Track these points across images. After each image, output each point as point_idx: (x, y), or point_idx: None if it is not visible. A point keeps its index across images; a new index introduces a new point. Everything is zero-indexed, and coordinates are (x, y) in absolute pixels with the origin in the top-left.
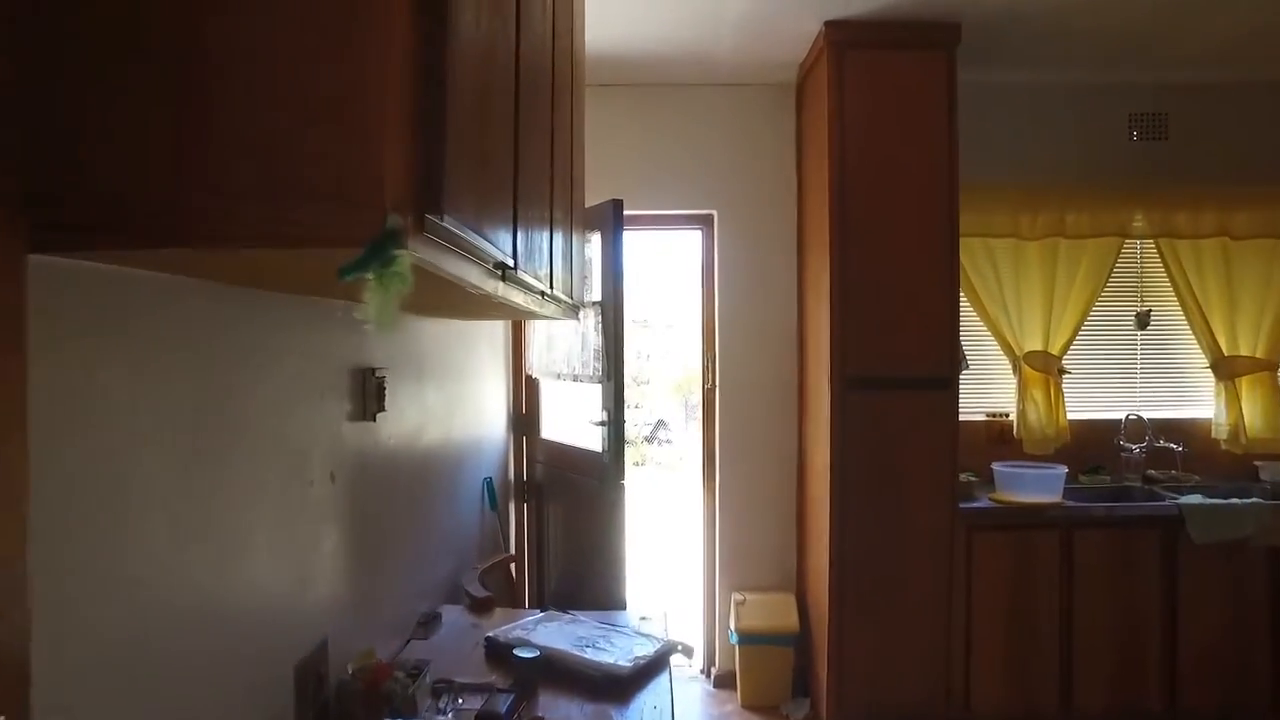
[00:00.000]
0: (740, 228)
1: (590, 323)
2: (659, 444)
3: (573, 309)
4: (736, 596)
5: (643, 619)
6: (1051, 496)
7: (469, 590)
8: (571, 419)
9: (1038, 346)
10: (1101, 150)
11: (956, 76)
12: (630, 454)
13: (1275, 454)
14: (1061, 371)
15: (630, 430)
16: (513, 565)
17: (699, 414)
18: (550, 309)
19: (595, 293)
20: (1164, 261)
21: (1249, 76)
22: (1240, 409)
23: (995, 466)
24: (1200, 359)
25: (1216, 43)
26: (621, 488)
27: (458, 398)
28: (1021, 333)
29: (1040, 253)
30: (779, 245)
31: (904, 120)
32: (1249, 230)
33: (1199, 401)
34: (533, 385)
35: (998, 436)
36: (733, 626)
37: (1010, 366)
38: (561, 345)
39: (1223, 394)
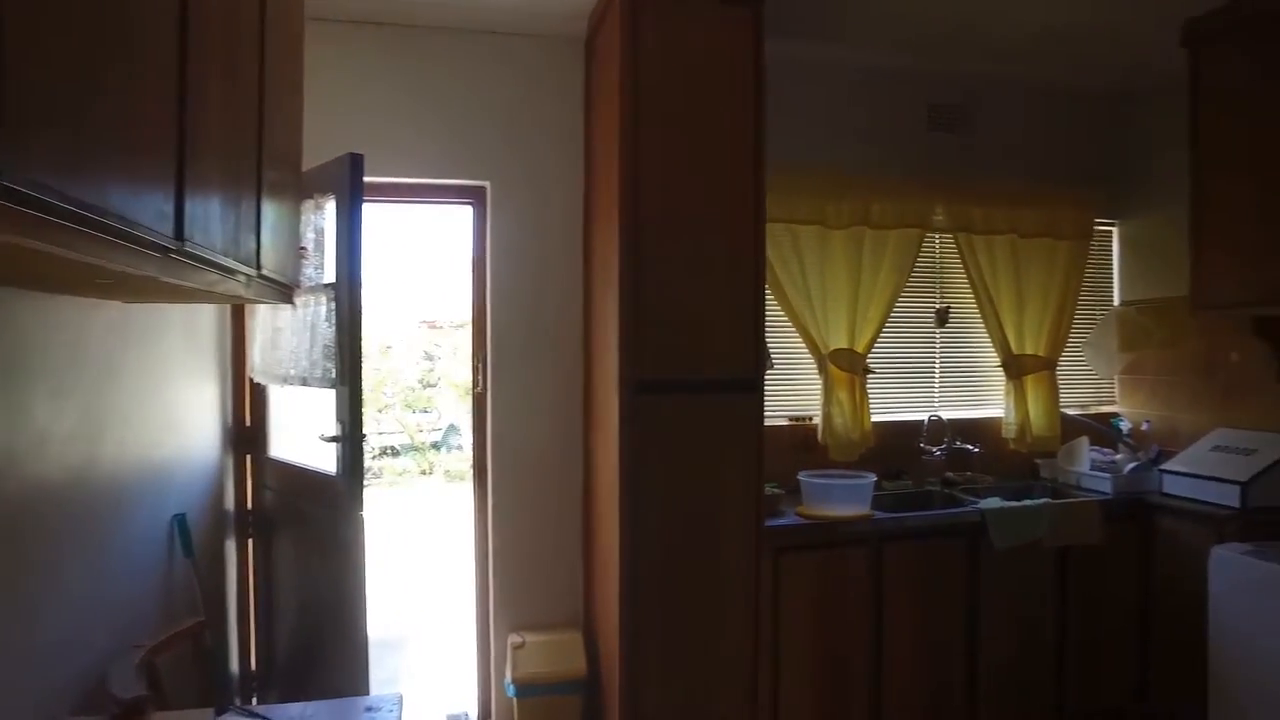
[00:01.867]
0: (518, 203)
1: (320, 312)
2: (449, 450)
3: (275, 288)
4: (514, 638)
5: (369, 711)
6: (861, 508)
7: (113, 690)
8: (311, 432)
9: (843, 344)
10: (903, 139)
11: (764, 38)
12: (418, 462)
13: (1053, 451)
14: (866, 371)
15: (419, 436)
16: (210, 633)
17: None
18: (209, 278)
19: (329, 273)
20: (962, 257)
21: (1042, 76)
22: (1027, 408)
23: (802, 477)
24: (993, 357)
25: (1014, 39)
26: (359, 520)
27: (114, 409)
28: (827, 328)
29: (846, 243)
30: (563, 226)
31: (707, 85)
32: (1035, 229)
33: (991, 401)
34: (260, 392)
35: (802, 443)
36: (509, 675)
37: (815, 366)
38: (287, 340)
39: (1012, 393)
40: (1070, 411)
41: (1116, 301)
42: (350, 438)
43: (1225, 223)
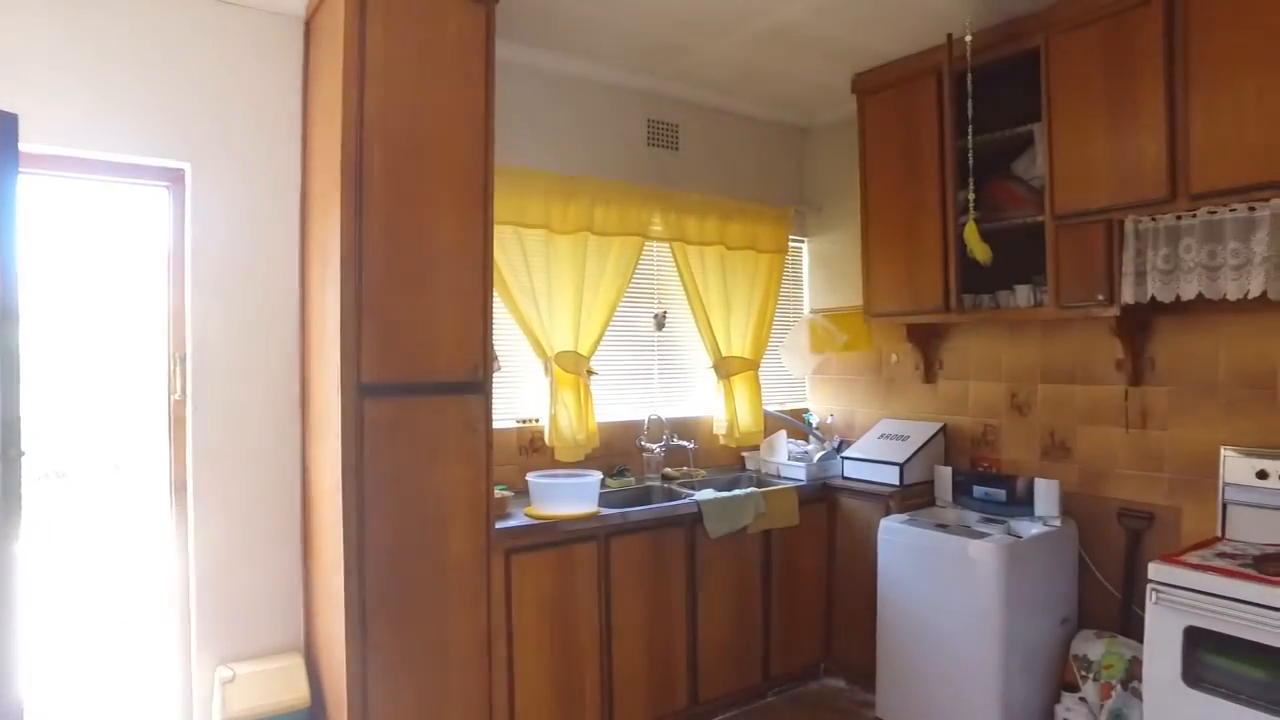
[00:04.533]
0: (224, 190)
1: None
2: (131, 467)
3: None
4: (223, 672)
5: None
6: (588, 506)
7: None
8: None
9: (568, 346)
10: (624, 150)
11: (494, 36)
12: (92, 482)
13: (757, 445)
14: (590, 373)
15: (95, 453)
16: None
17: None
18: None
19: None
20: (677, 265)
21: (742, 106)
22: (735, 406)
23: (530, 478)
24: (705, 359)
25: (717, 71)
26: (11, 557)
27: None
28: (552, 331)
29: (571, 247)
30: (277, 217)
31: (437, 80)
32: (740, 242)
33: (704, 400)
34: None
35: (529, 445)
36: (217, 715)
37: (541, 368)
38: None
39: (722, 392)
40: (771, 408)
41: (807, 310)
42: (4, 456)
43: (884, 244)
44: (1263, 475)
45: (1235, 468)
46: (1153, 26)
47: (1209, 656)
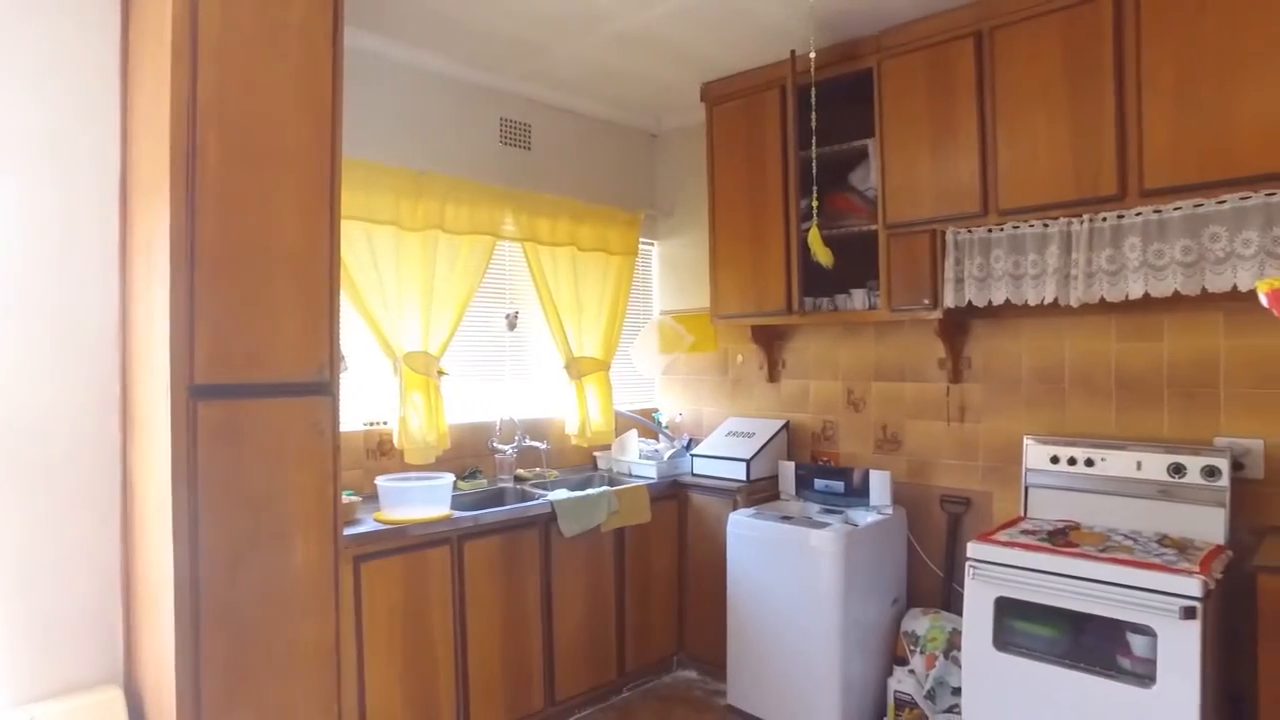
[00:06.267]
0: (21, 171)
1: None
2: None
3: None
4: (17, 716)
5: None
6: (440, 509)
7: None
8: None
9: (418, 346)
10: (476, 148)
11: (343, 19)
12: None
13: (608, 445)
14: (440, 373)
15: None
16: None
17: None
18: None
19: None
20: (529, 265)
21: (595, 109)
22: (586, 406)
23: (379, 481)
24: (557, 360)
25: (572, 71)
26: None
27: None
28: (401, 331)
29: (421, 245)
30: (92, 199)
31: (280, 62)
32: (591, 244)
33: (556, 400)
34: None
35: (377, 447)
36: None
37: (390, 368)
38: None
39: (573, 392)
40: (621, 408)
41: (656, 311)
42: None
43: (730, 249)
44: (1055, 460)
45: (1034, 454)
46: (965, 58)
47: (1013, 622)
